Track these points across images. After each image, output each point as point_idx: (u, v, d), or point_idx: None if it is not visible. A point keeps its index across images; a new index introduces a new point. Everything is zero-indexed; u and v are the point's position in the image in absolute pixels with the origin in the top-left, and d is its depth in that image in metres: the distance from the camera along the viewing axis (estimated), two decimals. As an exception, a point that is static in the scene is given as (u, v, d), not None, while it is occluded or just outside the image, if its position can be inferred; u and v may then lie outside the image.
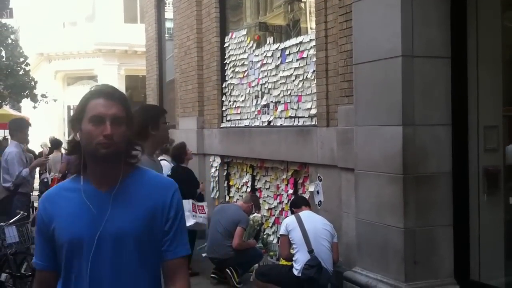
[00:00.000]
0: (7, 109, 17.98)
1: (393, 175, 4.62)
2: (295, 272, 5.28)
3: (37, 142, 17.80)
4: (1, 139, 16.39)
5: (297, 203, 5.80)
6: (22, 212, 6.40)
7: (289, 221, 5.50)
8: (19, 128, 6.84)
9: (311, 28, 6.81)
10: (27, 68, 18.51)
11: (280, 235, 5.58)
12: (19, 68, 18.12)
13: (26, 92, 18.07)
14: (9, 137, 22.90)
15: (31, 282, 5.66)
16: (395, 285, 4.59)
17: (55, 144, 12.45)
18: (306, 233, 5.32)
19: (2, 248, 5.51)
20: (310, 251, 5.25)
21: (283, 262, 5.86)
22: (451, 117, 4.64)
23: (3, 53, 17.91)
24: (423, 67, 4.56)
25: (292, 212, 5.79)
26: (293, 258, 5.39)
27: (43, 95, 18.72)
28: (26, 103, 20.68)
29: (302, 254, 5.29)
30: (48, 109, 22.37)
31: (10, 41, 18.20)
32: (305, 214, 5.55)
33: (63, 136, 23.91)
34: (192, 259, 7.07)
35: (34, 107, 18.98)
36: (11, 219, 5.81)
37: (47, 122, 24.58)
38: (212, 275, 6.58)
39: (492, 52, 4.77)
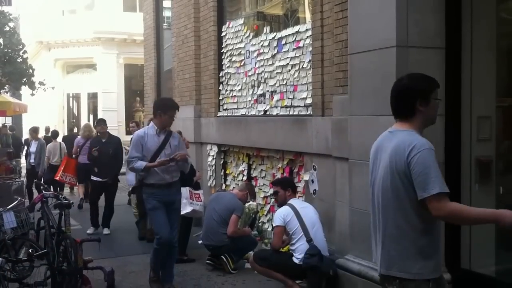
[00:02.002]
0: (5, 97, 17.97)
1: (386, 164, 4.65)
2: (296, 261, 5.34)
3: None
4: (0, 126, 16.40)
5: (290, 186, 5.86)
6: (19, 198, 6.48)
7: (286, 211, 5.50)
8: (154, 110, 5.82)
9: (309, 18, 6.82)
10: (24, 56, 18.49)
11: (276, 226, 5.56)
12: (17, 56, 18.10)
13: (24, 80, 18.08)
14: (8, 124, 22.95)
15: (29, 267, 5.74)
16: (387, 272, 4.65)
17: (54, 134, 13.38)
18: (304, 222, 5.37)
19: (1, 234, 5.57)
20: (309, 240, 5.30)
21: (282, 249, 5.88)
22: (445, 107, 4.67)
23: (1, 41, 17.90)
24: (417, 57, 4.59)
25: (281, 188, 5.84)
26: (292, 248, 5.44)
27: (41, 83, 18.74)
28: (25, 91, 20.70)
29: (301, 244, 5.33)
30: (48, 97, 22.38)
31: (8, 28, 18.16)
32: (297, 203, 5.62)
33: (63, 123, 23.97)
34: (188, 246, 7.16)
35: (32, 95, 19.00)
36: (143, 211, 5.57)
37: (47, 110, 24.62)
38: (208, 261, 6.65)
39: (487, 43, 4.80)
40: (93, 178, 9.20)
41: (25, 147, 14.00)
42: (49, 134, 14.26)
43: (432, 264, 2.82)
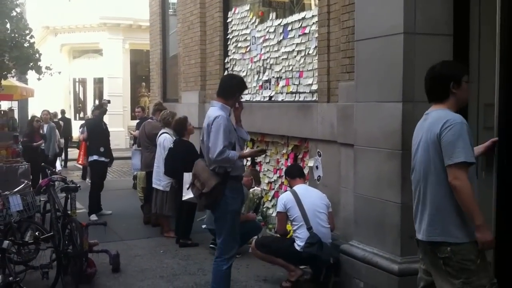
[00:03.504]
0: (12, 81, 18.02)
1: (391, 151, 4.66)
2: (297, 248, 5.34)
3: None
4: (6, 110, 16.49)
5: (292, 173, 5.83)
6: (26, 181, 6.51)
7: (287, 198, 5.49)
8: (231, 91, 4.78)
9: (315, 4, 6.79)
10: (31, 41, 18.49)
11: (278, 212, 5.59)
12: (23, 40, 18.10)
13: (31, 64, 18.10)
14: (15, 108, 22.98)
15: (35, 250, 5.79)
16: (391, 258, 4.68)
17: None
18: (305, 210, 5.36)
19: (7, 216, 5.61)
20: (309, 228, 5.30)
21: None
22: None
23: (8, 26, 17.88)
24: (424, 45, 4.57)
25: (287, 179, 5.85)
26: (295, 234, 5.44)
27: (47, 67, 18.76)
28: (32, 75, 20.74)
29: (302, 231, 5.34)
30: (54, 81, 22.42)
31: (14, 13, 18.15)
32: (302, 189, 5.57)
33: (69, 108, 24.02)
34: (192, 231, 7.20)
35: (39, 79, 19.04)
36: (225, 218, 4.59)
37: (54, 95, 24.67)
38: (211, 245, 6.68)
39: (494, 30, 4.76)
40: (100, 158, 8.84)
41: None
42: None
43: (473, 228, 3.09)
